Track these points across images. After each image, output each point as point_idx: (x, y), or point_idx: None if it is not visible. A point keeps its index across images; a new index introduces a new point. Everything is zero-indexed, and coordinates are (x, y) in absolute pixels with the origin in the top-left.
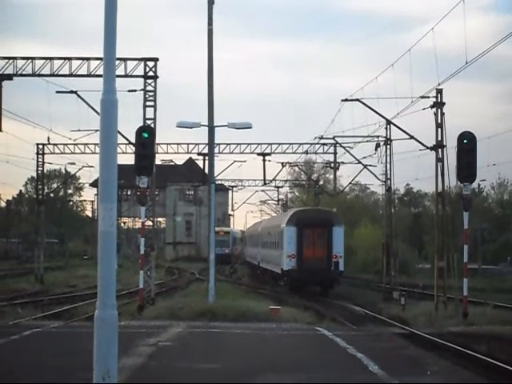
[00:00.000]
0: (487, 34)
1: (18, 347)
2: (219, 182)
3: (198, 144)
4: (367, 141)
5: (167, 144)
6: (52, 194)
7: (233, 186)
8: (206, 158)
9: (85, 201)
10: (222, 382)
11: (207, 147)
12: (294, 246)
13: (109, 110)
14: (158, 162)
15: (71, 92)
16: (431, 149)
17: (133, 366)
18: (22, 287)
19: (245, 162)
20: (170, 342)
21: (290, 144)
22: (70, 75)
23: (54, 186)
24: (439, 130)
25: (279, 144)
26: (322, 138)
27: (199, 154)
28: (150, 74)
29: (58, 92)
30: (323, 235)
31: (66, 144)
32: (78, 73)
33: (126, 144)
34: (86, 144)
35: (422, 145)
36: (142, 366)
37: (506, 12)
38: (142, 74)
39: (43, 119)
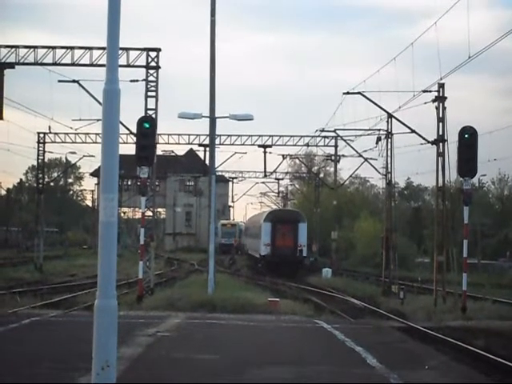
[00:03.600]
0: (490, 28)
1: (17, 336)
2: (220, 173)
3: (199, 135)
4: (368, 134)
5: (168, 135)
6: (52, 183)
7: (233, 178)
8: (207, 149)
9: (85, 190)
10: (221, 373)
11: (208, 138)
12: (269, 237)
13: (111, 100)
14: (158, 152)
15: (73, 81)
16: (432, 143)
17: (132, 356)
18: (22, 276)
19: (245, 153)
20: (168, 332)
21: (291, 136)
22: (73, 64)
23: (55, 175)
24: (440, 124)
25: (280, 136)
26: (323, 130)
27: (200, 145)
28: (152, 64)
29: (59, 81)
30: (291, 229)
31: (67, 133)
32: (81, 62)
33: (127, 134)
34: (87, 133)
35: (423, 139)
36: (140, 355)
37: (510, 7)
38: (144, 64)
39: (45, 108)
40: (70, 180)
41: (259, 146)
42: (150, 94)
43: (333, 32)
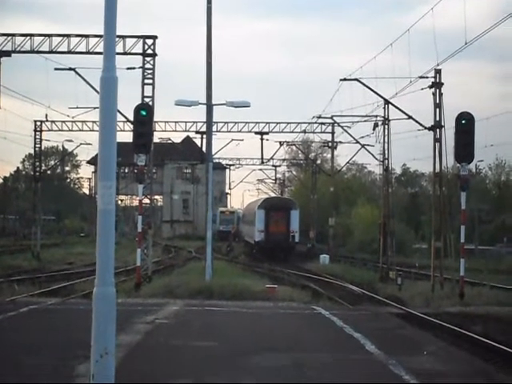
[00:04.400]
0: (487, 14)
1: (15, 324)
2: (217, 160)
3: (196, 122)
4: (365, 120)
5: (165, 122)
6: (49, 171)
7: (230, 165)
8: (204, 136)
9: (82, 178)
10: (219, 360)
11: (205, 125)
12: (263, 223)
13: (109, 88)
14: (155, 139)
15: (70, 69)
16: (429, 129)
17: (130, 343)
18: (19, 264)
19: (242, 140)
20: (166, 319)
21: (288, 123)
22: (69, 52)
23: (52, 163)
24: (437, 110)
25: (277, 123)
26: (320, 117)
27: (197, 132)
28: (149, 51)
29: (56, 69)
30: (284, 216)
31: (63, 121)
32: (77, 50)
33: (124, 122)
34: (84, 121)
35: (420, 125)
36: (139, 343)
37: None
38: (141, 51)
39: (41, 96)
40: (67, 168)
41: (256, 132)
42: (146, 81)
43: (329, 18)
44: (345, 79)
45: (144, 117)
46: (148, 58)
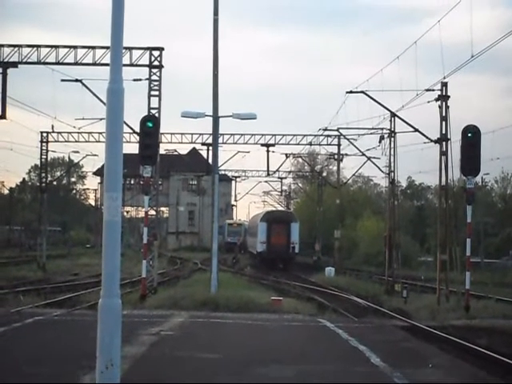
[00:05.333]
0: (494, 27)
1: (20, 335)
2: (223, 172)
3: (202, 134)
4: (371, 133)
5: (171, 133)
6: (55, 182)
7: (236, 177)
8: (210, 148)
9: (88, 189)
10: (224, 372)
11: (211, 137)
12: (265, 235)
13: (115, 99)
14: (161, 151)
15: (76, 80)
16: (435, 142)
17: (135, 355)
18: (25, 275)
19: (248, 152)
20: (172, 331)
21: (294, 135)
22: (76, 64)
23: (58, 174)
24: (444, 123)
25: (283, 135)
26: (326, 129)
27: (203, 144)
28: (155, 63)
29: (62, 80)
30: (284, 228)
31: (70, 132)
32: (84, 61)
33: (130, 133)
34: (90, 132)
35: (427, 138)
36: (144, 354)
37: None
38: (148, 63)
39: (48, 107)
40: (72, 179)
41: (262, 144)
42: (153, 93)
43: (336, 31)
44: (351, 92)
45: (150, 128)
46: (154, 70)
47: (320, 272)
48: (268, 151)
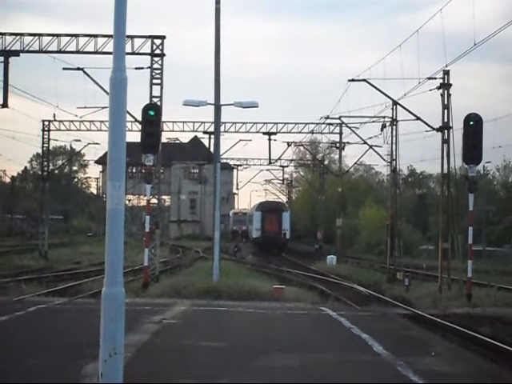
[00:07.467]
0: (496, 15)
1: (23, 323)
2: (224, 160)
3: (204, 122)
4: (373, 121)
5: (173, 122)
6: (57, 171)
7: (238, 165)
8: (212, 136)
9: (90, 178)
10: (227, 360)
11: (213, 125)
12: (260, 223)
13: (118, 88)
14: (163, 139)
15: (78, 69)
16: (437, 130)
17: (138, 343)
18: (27, 263)
19: (250, 140)
20: (174, 319)
21: (296, 123)
22: (77, 52)
23: (59, 162)
24: (445, 111)
25: (285, 123)
26: (328, 117)
27: (205, 132)
28: (157, 51)
29: (64, 69)
30: (277, 217)
31: (71, 121)
32: (85, 50)
33: (132, 122)
34: (92, 121)
35: (429, 126)
36: (147, 343)
37: None
38: (149, 51)
39: (50, 96)
40: (74, 168)
41: (264, 133)
42: (154, 81)
43: (338, 19)
44: (353, 80)
45: (152, 117)
46: (156, 58)
47: (322, 260)
48: (270, 139)
